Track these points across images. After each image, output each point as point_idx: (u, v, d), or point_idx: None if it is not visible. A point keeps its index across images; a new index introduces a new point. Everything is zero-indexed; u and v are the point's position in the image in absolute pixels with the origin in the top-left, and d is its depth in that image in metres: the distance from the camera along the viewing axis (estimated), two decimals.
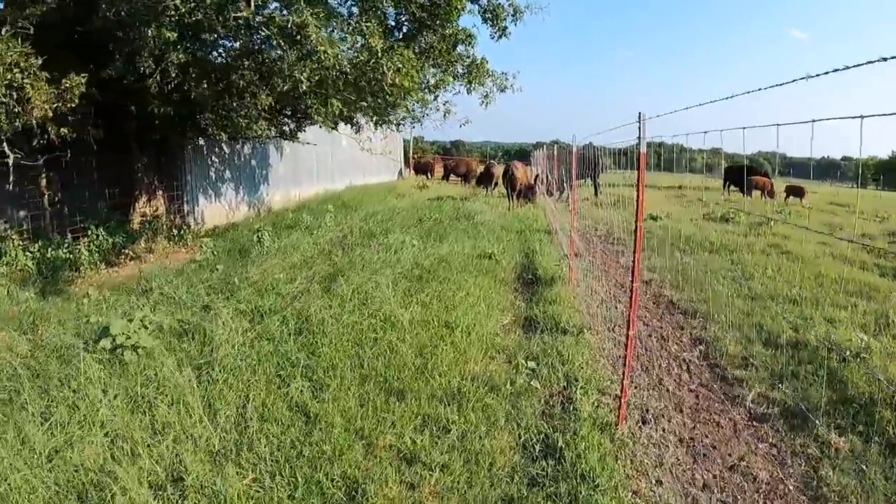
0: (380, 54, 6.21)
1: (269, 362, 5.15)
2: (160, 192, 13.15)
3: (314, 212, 14.84)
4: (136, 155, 12.38)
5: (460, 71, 10.42)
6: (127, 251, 11.03)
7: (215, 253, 9.93)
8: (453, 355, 5.41)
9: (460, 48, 10.93)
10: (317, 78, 6.67)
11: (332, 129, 12.59)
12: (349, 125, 13.53)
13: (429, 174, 31.88)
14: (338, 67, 6.31)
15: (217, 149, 14.46)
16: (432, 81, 10.23)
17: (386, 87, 6.49)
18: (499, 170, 23.16)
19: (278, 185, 17.48)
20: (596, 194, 22.57)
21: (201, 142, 13.69)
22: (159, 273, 8.43)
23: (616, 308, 7.49)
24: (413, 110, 11.91)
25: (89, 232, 10.89)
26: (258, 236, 9.96)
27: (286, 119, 12.38)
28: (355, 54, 6.68)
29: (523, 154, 76.63)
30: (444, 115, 11.17)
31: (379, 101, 7.53)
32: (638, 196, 4.02)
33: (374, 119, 12.85)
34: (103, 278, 9.84)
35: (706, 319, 7.18)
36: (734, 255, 11.12)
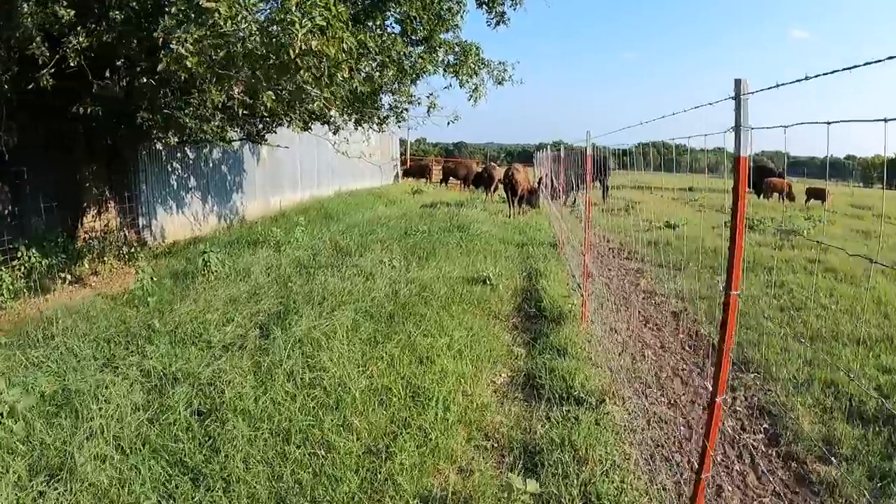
0: (293, 8, 4.46)
1: (146, 470, 3.51)
2: (112, 204, 11.54)
3: (291, 223, 13.23)
4: (82, 162, 10.79)
5: (451, 59, 8.76)
6: (64, 275, 9.42)
7: (154, 279, 8.29)
8: (419, 453, 3.75)
9: (448, 35, 9.31)
10: (222, 53, 4.97)
11: (303, 130, 11.01)
12: (326, 125, 11.96)
13: (427, 177, 30.15)
14: (244, 34, 4.61)
15: (179, 154, 12.84)
16: (407, 64, 8.54)
17: (293, 56, 4.65)
18: (499, 172, 21.46)
19: (255, 194, 15.86)
20: (604, 198, 20.93)
21: (159, 146, 12.07)
22: (67, 312, 6.79)
23: (644, 356, 5.83)
24: (397, 106, 10.28)
25: (20, 253, 9.27)
26: (204, 260, 8.30)
27: (250, 119, 10.76)
28: (270, 15, 4.99)
29: (526, 155, 75.06)
30: (429, 109, 9.51)
31: (291, 84, 5.67)
32: (734, 244, 2.34)
33: (351, 116, 11.29)
34: (31, 310, 8.25)
35: (761, 373, 5.51)
36: (774, 273, 9.45)
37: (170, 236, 12.49)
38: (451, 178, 29.00)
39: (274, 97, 5.55)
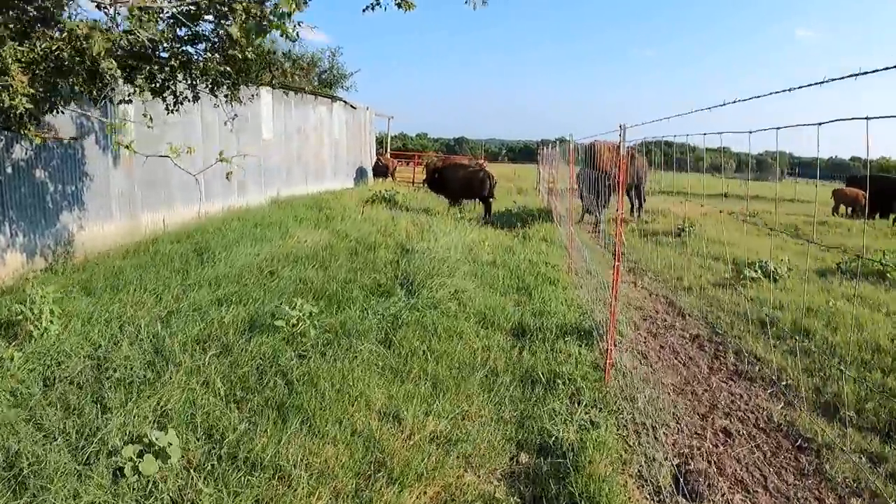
0: None
1: None
2: None
3: (149, 260, 7.79)
4: None
5: None
6: None
7: None
8: None
9: None
10: None
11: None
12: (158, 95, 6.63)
13: (392, 177, 24.21)
14: None
15: None
16: None
17: None
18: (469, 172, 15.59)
19: (110, 210, 10.13)
20: (639, 214, 15.31)
21: None
22: None
23: None
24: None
25: None
26: None
27: None
28: None
29: (528, 151, 70.21)
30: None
31: None
32: None
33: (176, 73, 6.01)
34: None
35: None
36: None
37: None
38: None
39: None
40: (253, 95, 7.80)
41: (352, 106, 22.84)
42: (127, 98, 7.08)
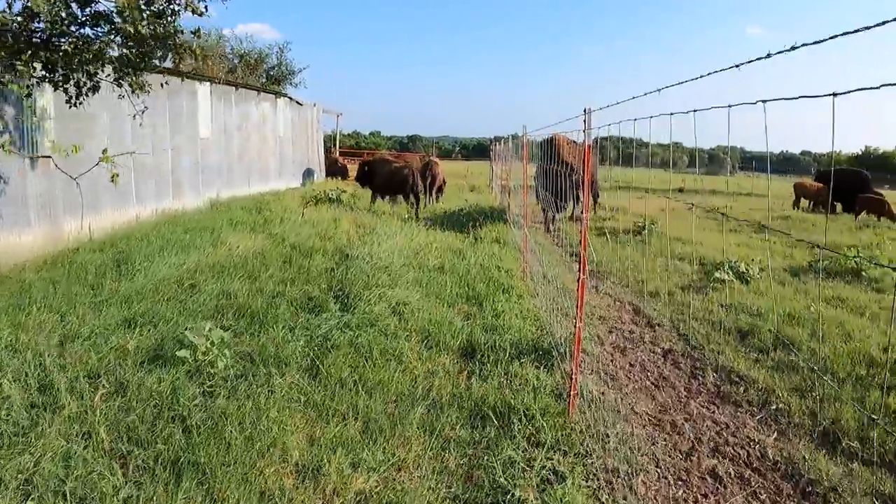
0: None
1: None
2: None
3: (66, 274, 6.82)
4: None
5: None
6: None
7: None
8: None
9: None
10: None
11: None
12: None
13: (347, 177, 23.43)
14: None
15: None
16: None
17: None
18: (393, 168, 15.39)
19: (28, 218, 8.93)
20: (594, 210, 14.83)
21: None
22: None
23: None
24: None
25: None
26: None
27: None
28: None
29: (482, 148, 70.20)
30: None
31: None
32: None
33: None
34: None
35: None
36: None
37: None
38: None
39: None
40: (163, 83, 6.89)
41: (298, 102, 21.83)
42: (27, 92, 6.12)
